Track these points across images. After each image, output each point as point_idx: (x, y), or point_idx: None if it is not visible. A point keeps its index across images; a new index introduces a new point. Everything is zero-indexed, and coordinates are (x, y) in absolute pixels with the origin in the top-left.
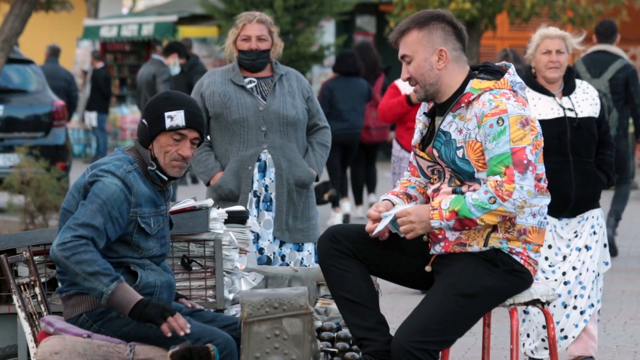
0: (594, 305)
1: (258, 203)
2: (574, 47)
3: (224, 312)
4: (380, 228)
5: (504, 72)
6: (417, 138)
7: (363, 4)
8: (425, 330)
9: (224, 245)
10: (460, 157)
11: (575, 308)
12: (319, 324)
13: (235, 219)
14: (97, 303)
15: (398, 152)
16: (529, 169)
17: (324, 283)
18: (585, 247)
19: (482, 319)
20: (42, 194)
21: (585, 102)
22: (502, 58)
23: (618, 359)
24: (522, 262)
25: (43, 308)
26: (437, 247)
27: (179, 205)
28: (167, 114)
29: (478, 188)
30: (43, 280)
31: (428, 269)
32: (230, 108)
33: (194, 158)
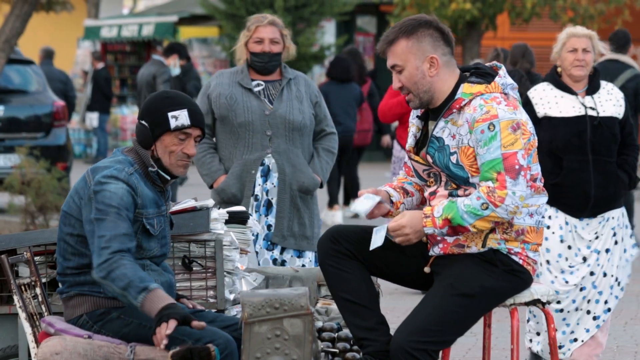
0: (611, 310)
1: (258, 207)
2: (599, 51)
3: (225, 312)
4: (378, 244)
5: (495, 73)
6: (411, 142)
7: (364, 4)
8: (425, 331)
9: (225, 246)
10: (454, 162)
11: (589, 312)
12: (320, 325)
13: (236, 220)
14: (97, 304)
15: (398, 152)
16: (521, 174)
17: (325, 283)
18: (605, 250)
19: (482, 319)
20: (42, 195)
21: (609, 102)
22: (493, 58)
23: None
24: (520, 262)
25: (44, 308)
26: (435, 248)
27: (180, 206)
28: (170, 114)
29: (473, 191)
30: (44, 281)
31: (427, 270)
32: (236, 111)
33: (198, 160)
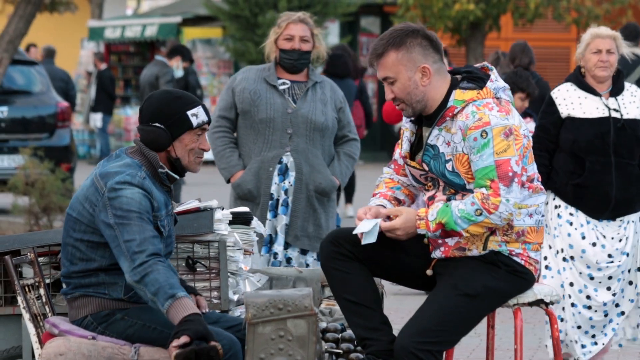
0: (625, 314)
1: (274, 206)
2: (622, 52)
3: (229, 313)
4: (370, 241)
5: (487, 76)
6: (406, 148)
7: (367, 5)
8: (428, 331)
9: (229, 247)
10: (450, 170)
11: (607, 315)
12: (324, 325)
13: (240, 220)
14: (102, 305)
15: None
16: (514, 181)
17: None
18: (626, 254)
19: (486, 320)
20: (46, 195)
21: (633, 104)
22: (493, 60)
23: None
24: (522, 262)
25: (48, 309)
26: (437, 252)
27: (184, 207)
28: (190, 113)
29: None
30: (47, 282)
31: (429, 273)
32: (259, 107)
33: (217, 153)
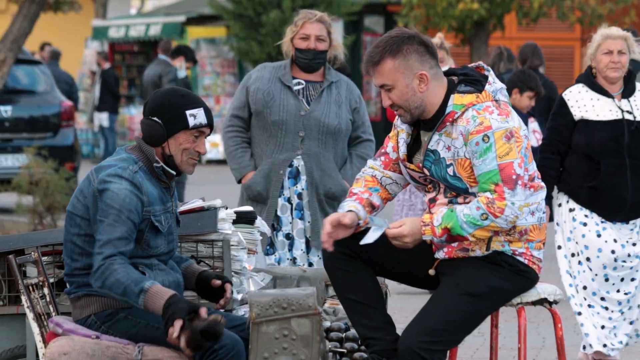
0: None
1: (291, 210)
2: (634, 55)
3: (233, 312)
4: (369, 241)
5: (483, 76)
6: (403, 150)
7: (371, 4)
8: (432, 331)
9: (233, 246)
10: (452, 174)
11: (622, 313)
12: (328, 325)
13: (244, 220)
14: (105, 304)
15: None
16: (519, 184)
17: None
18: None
19: (490, 319)
20: (50, 195)
21: None
22: (496, 56)
23: (627, 359)
24: (526, 262)
25: (52, 309)
26: (440, 252)
27: (187, 206)
28: (188, 112)
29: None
30: (51, 281)
31: (432, 273)
32: (272, 108)
33: (230, 153)
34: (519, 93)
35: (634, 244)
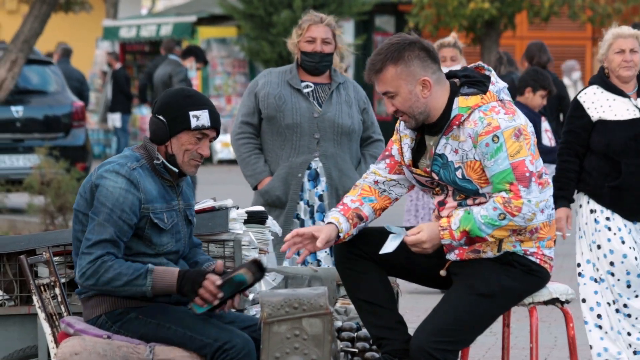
0: None
1: (312, 213)
2: None
3: (244, 312)
4: (389, 250)
5: (485, 78)
6: (408, 156)
7: (382, 4)
8: (444, 331)
9: (244, 246)
10: (461, 177)
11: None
12: (339, 324)
13: (255, 220)
14: (116, 304)
15: None
16: (532, 180)
17: None
18: None
19: (501, 319)
20: (62, 195)
21: None
22: (496, 61)
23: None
24: (537, 261)
25: (63, 309)
26: (451, 254)
27: (199, 206)
28: (192, 114)
29: (484, 200)
30: (63, 281)
31: (443, 274)
32: (285, 112)
33: (243, 160)
34: (532, 92)
35: None
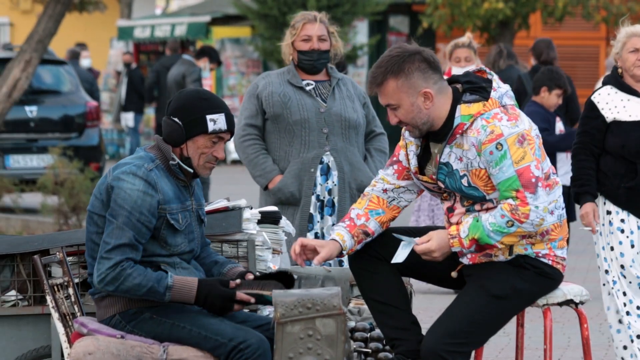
0: None
1: (322, 208)
2: None
3: (257, 312)
4: (399, 260)
5: (487, 81)
6: (414, 163)
7: (396, 4)
8: (455, 333)
9: (257, 246)
10: (466, 185)
11: None
12: (352, 324)
13: (269, 220)
14: (130, 304)
15: None
16: (539, 186)
17: None
18: None
19: (515, 319)
20: (75, 195)
21: None
22: (496, 54)
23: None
24: (550, 262)
25: (76, 309)
26: (464, 258)
27: (212, 206)
28: (209, 117)
29: (491, 206)
30: (76, 281)
31: (454, 275)
32: (291, 108)
33: (250, 161)
34: (548, 91)
35: None
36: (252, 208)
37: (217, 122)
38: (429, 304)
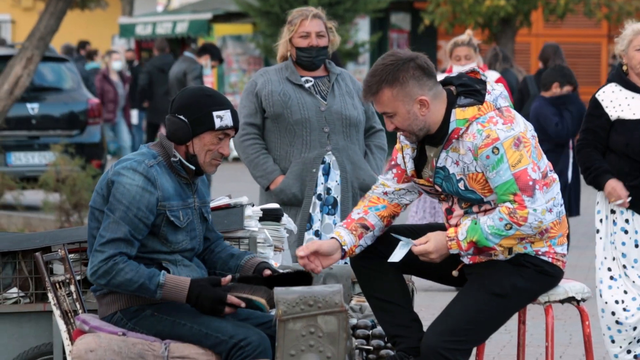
0: None
1: (322, 207)
2: None
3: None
4: (396, 260)
5: (480, 82)
6: (411, 167)
7: (397, 1)
8: (455, 331)
9: (259, 243)
10: (463, 189)
11: None
12: (354, 322)
13: (270, 217)
14: (131, 301)
15: None
16: (536, 189)
17: None
18: None
19: (517, 316)
20: (77, 192)
21: None
22: (492, 56)
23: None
24: (550, 260)
25: (78, 306)
26: (464, 258)
27: (214, 203)
28: (215, 114)
29: (489, 208)
30: (78, 278)
31: (455, 274)
32: (291, 108)
33: (251, 161)
34: (559, 87)
35: None
36: (253, 205)
37: (223, 118)
38: (431, 302)
